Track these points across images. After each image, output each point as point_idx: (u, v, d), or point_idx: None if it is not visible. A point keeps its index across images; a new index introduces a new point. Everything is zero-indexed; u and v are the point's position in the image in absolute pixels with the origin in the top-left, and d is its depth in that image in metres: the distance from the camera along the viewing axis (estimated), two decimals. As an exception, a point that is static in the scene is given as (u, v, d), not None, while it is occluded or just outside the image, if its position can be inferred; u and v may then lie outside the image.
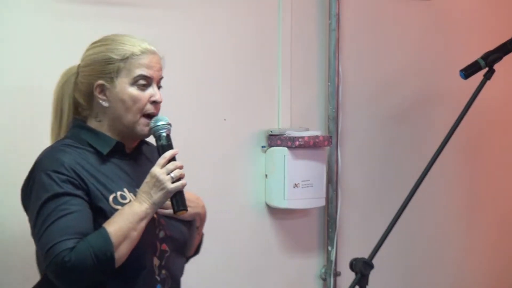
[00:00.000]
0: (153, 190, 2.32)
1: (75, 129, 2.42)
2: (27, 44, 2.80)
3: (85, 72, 2.40)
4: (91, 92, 2.39)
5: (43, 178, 2.27)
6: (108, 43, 2.41)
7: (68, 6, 2.87)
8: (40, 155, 2.36)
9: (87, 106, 2.42)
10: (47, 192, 2.26)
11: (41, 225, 2.24)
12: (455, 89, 3.75)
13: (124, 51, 2.38)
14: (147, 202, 2.31)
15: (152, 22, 3.09)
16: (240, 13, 3.36)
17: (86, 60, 2.41)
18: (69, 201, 2.26)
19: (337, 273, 3.65)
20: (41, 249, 2.24)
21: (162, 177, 2.32)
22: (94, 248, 2.22)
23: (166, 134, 2.38)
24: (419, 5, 3.92)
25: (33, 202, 2.28)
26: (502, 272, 4.30)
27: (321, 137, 3.44)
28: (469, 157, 4.16)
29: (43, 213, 2.24)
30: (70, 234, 2.22)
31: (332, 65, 3.60)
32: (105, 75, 2.37)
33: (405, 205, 2.86)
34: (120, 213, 2.29)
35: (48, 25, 2.84)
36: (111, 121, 2.40)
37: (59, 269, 2.21)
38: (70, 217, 2.24)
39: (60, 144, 2.38)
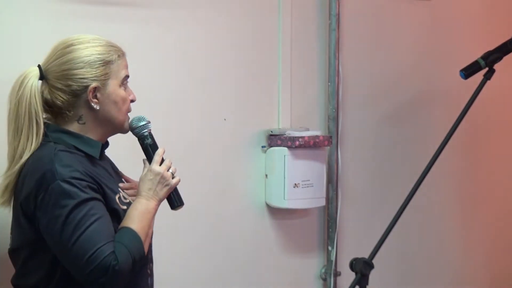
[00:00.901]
0: (159, 187, 2.38)
1: (56, 134, 2.36)
2: (27, 44, 2.80)
3: (75, 76, 2.34)
4: (78, 95, 2.34)
5: (63, 186, 2.23)
6: (91, 44, 2.38)
7: (68, 6, 2.87)
8: (40, 163, 2.28)
9: (68, 108, 2.36)
10: (72, 199, 2.23)
11: (72, 233, 2.21)
12: (455, 89, 3.76)
13: (112, 52, 2.39)
14: (154, 199, 2.37)
15: (152, 22, 3.09)
16: (240, 13, 3.36)
17: (72, 63, 2.34)
18: (95, 206, 2.26)
19: (337, 273, 3.65)
20: (78, 255, 2.21)
21: (165, 174, 2.39)
22: (130, 249, 2.26)
23: (149, 133, 2.45)
24: (419, 5, 3.92)
25: (53, 211, 2.23)
26: (501, 271, 4.30)
27: (321, 137, 3.44)
28: (469, 157, 4.16)
29: (72, 220, 2.22)
30: (107, 238, 2.24)
31: (332, 65, 3.60)
32: (99, 78, 2.35)
33: (405, 205, 2.86)
34: (135, 212, 2.33)
35: (48, 25, 2.83)
36: (97, 123, 2.38)
37: (109, 273, 2.21)
38: (101, 221, 2.25)
39: (55, 150, 2.31)
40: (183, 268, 3.20)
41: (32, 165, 2.30)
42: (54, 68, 2.35)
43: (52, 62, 2.36)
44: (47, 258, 2.31)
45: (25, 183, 2.30)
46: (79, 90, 2.34)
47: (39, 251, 2.32)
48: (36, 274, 2.33)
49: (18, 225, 2.34)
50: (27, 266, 2.35)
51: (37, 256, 2.32)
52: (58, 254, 2.27)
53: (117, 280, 2.23)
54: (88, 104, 2.35)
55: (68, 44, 2.37)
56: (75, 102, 2.35)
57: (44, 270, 2.32)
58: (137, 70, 2.66)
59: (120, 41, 2.90)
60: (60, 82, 2.34)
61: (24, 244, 2.34)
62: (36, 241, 2.30)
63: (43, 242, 2.29)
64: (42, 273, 2.32)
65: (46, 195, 2.24)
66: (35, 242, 2.31)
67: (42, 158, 2.30)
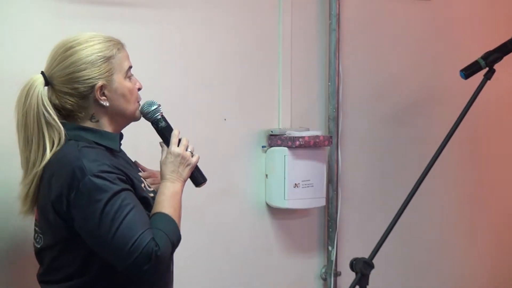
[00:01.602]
0: (181, 168, 2.44)
1: (74, 131, 2.38)
2: (26, 44, 2.80)
3: (80, 78, 2.36)
4: (86, 96, 2.37)
5: (94, 181, 2.25)
6: (90, 43, 2.39)
7: (68, 6, 2.87)
8: (66, 162, 2.30)
9: (79, 110, 2.39)
10: (106, 192, 2.25)
11: (111, 225, 2.24)
12: (455, 89, 3.76)
13: (111, 47, 2.40)
14: (179, 180, 2.43)
15: (152, 22, 3.09)
16: (241, 13, 3.36)
17: (75, 66, 2.36)
18: (128, 196, 2.29)
19: (337, 273, 3.65)
20: (120, 246, 2.23)
21: (185, 154, 2.45)
22: (168, 233, 2.30)
23: (161, 116, 2.49)
24: (419, 5, 3.92)
25: (88, 207, 2.25)
26: (503, 272, 4.30)
27: (321, 137, 3.44)
28: (469, 157, 4.16)
29: (109, 212, 2.24)
30: (145, 226, 2.27)
31: (332, 65, 3.60)
32: (104, 75, 2.38)
33: (405, 205, 2.86)
34: (163, 196, 2.37)
35: (48, 25, 2.84)
36: (110, 118, 2.42)
37: (152, 260, 2.24)
38: (136, 210, 2.28)
39: (78, 146, 2.34)
40: (183, 268, 3.20)
41: (58, 165, 2.32)
42: (58, 73, 2.37)
43: (55, 67, 2.37)
44: (79, 255, 2.34)
45: (53, 183, 2.31)
46: (87, 91, 2.37)
47: (71, 248, 2.34)
48: (66, 270, 2.36)
49: (49, 225, 2.36)
50: (58, 262, 2.38)
51: (69, 253, 2.35)
52: (98, 248, 2.29)
53: (160, 265, 2.27)
54: (97, 103, 2.38)
55: (68, 47, 2.38)
56: (85, 103, 2.38)
57: (75, 266, 2.35)
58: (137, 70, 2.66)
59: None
60: (67, 87, 2.36)
61: (56, 242, 2.36)
62: (68, 238, 2.33)
63: (76, 239, 2.31)
64: (73, 269, 2.35)
65: (78, 193, 2.26)
66: (68, 239, 2.33)
67: (66, 156, 2.32)
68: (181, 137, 2.48)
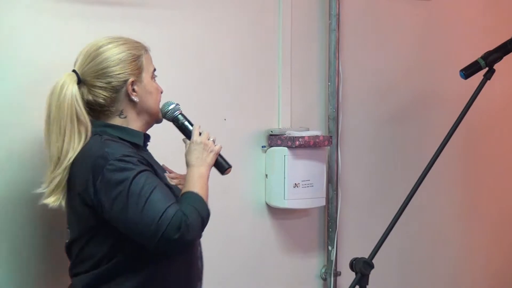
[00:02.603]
0: (204, 154, 2.56)
1: (100, 128, 2.50)
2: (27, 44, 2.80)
3: (113, 72, 2.48)
4: (118, 90, 2.49)
5: (117, 164, 2.36)
6: (120, 42, 2.52)
7: (68, 6, 2.87)
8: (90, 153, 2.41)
9: (110, 105, 2.50)
10: (129, 172, 2.35)
11: (137, 201, 2.33)
12: (455, 89, 3.76)
13: (140, 48, 2.55)
14: (204, 165, 2.54)
15: (152, 22, 3.09)
16: (240, 13, 3.36)
17: (108, 61, 2.48)
18: (150, 175, 2.40)
19: (337, 273, 3.65)
20: (148, 221, 2.31)
21: (207, 141, 2.58)
22: (196, 207, 2.40)
23: (180, 113, 2.64)
24: (419, 5, 3.92)
25: (114, 189, 2.34)
26: (500, 271, 4.30)
27: (321, 137, 3.44)
28: (469, 157, 4.16)
29: (134, 191, 2.33)
30: (170, 200, 2.37)
31: (332, 65, 3.60)
32: (134, 72, 2.51)
33: (405, 205, 2.86)
34: (191, 179, 2.49)
35: (48, 25, 2.84)
36: (137, 115, 2.54)
37: (182, 228, 2.31)
38: (160, 187, 2.38)
39: (102, 139, 2.45)
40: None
41: (82, 157, 2.43)
42: (92, 69, 2.48)
43: (88, 64, 2.49)
44: (105, 243, 2.42)
45: (78, 175, 2.42)
46: (119, 85, 2.49)
47: (97, 237, 2.43)
48: (93, 259, 2.44)
49: (77, 216, 2.45)
50: (84, 253, 2.46)
51: (95, 242, 2.43)
52: (128, 229, 2.36)
53: (190, 234, 2.34)
54: (128, 98, 2.51)
55: (98, 46, 2.51)
56: (116, 97, 2.50)
57: (102, 255, 2.43)
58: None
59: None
60: (100, 81, 2.48)
61: (83, 233, 2.44)
62: (95, 227, 2.42)
63: (102, 228, 2.40)
64: (99, 258, 2.43)
65: (103, 178, 2.36)
66: (94, 229, 2.42)
67: (90, 148, 2.43)
68: (202, 130, 2.61)
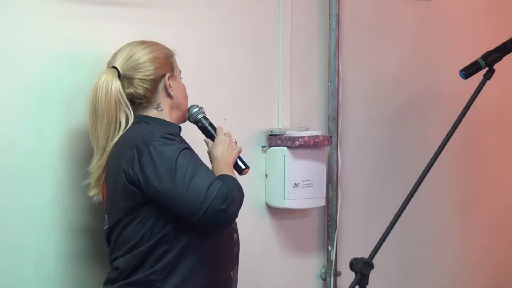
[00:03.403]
0: (229, 150, 2.73)
1: (138, 118, 2.63)
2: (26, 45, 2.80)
3: (150, 66, 2.65)
4: (157, 83, 2.66)
5: (162, 140, 2.50)
6: (152, 43, 2.71)
7: (68, 6, 2.87)
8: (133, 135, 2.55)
9: (149, 97, 2.66)
10: (176, 147, 2.50)
11: (184, 175, 2.45)
12: (455, 89, 3.76)
13: (170, 49, 2.74)
14: (228, 159, 2.71)
15: (152, 22, 3.09)
16: (240, 13, 3.36)
17: (147, 57, 2.65)
18: (193, 153, 2.56)
19: (337, 273, 3.65)
20: (196, 194, 2.44)
21: (231, 140, 2.77)
22: (236, 185, 2.56)
23: (203, 116, 2.82)
24: (418, 5, 3.92)
25: (160, 164, 2.47)
26: (499, 270, 4.30)
27: (321, 137, 3.44)
28: (469, 157, 4.16)
29: (181, 165, 2.47)
30: (214, 176, 2.53)
31: (332, 65, 3.60)
32: (170, 68, 2.71)
33: (405, 205, 2.86)
34: (221, 165, 2.65)
35: (48, 25, 2.83)
36: (171, 109, 2.70)
37: (228, 199, 2.45)
38: (203, 165, 2.53)
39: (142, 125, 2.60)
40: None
41: (125, 140, 2.57)
42: (131, 64, 2.64)
43: (126, 61, 2.65)
44: (148, 223, 2.53)
45: (123, 155, 2.53)
46: (157, 79, 2.66)
47: (138, 218, 2.54)
48: (133, 239, 2.54)
49: (119, 197, 2.55)
50: (124, 235, 2.56)
51: (136, 223, 2.54)
52: (173, 203, 2.47)
53: (235, 206, 2.49)
54: (165, 92, 2.68)
55: (134, 45, 2.69)
56: (155, 89, 2.66)
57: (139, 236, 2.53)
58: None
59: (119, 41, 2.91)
60: (140, 73, 2.64)
61: (124, 214, 2.55)
62: (137, 207, 2.53)
63: (145, 207, 2.52)
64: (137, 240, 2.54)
65: (150, 152, 2.48)
66: (137, 208, 2.53)
67: (133, 131, 2.58)
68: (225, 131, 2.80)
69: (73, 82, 2.87)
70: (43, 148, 2.81)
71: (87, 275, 2.90)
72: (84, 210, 2.88)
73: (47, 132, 2.82)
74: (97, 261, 2.90)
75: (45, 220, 2.82)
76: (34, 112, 2.81)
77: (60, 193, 2.84)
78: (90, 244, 2.90)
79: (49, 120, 2.83)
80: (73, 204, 2.86)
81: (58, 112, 2.84)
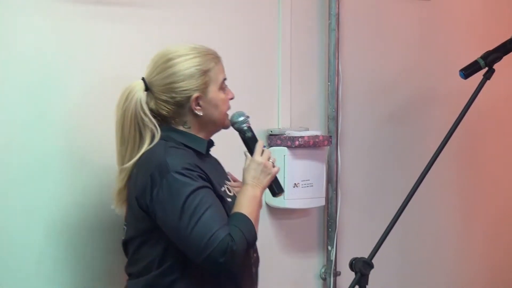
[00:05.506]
0: (262, 175, 2.59)
1: (166, 132, 2.54)
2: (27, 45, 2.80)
3: (178, 88, 2.51)
4: (182, 105, 2.53)
5: (177, 177, 2.40)
6: (190, 56, 2.54)
7: (68, 6, 2.87)
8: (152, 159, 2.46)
9: (174, 116, 2.55)
10: (187, 188, 2.40)
11: (190, 218, 2.37)
12: (455, 89, 3.75)
13: (209, 61, 2.56)
14: (259, 187, 2.57)
15: (152, 22, 3.09)
16: (240, 13, 3.36)
17: (174, 77, 2.51)
18: (207, 193, 2.44)
19: (337, 273, 3.65)
20: (197, 239, 2.36)
21: (267, 163, 2.61)
22: (244, 231, 2.42)
23: (248, 127, 2.68)
24: (419, 5, 3.92)
25: (169, 201, 2.40)
26: (499, 271, 4.30)
27: (321, 137, 3.44)
28: (469, 157, 4.16)
29: (188, 207, 2.38)
30: (222, 222, 2.41)
31: (332, 65, 3.60)
32: (200, 87, 2.53)
33: (405, 205, 2.86)
34: (243, 198, 2.52)
35: (48, 25, 2.83)
36: (201, 125, 2.58)
37: (227, 253, 2.36)
38: (214, 207, 2.42)
39: (165, 146, 2.49)
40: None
41: (145, 161, 2.49)
42: (158, 82, 2.53)
43: (155, 76, 2.54)
44: (158, 248, 2.48)
45: (139, 178, 2.48)
46: (183, 101, 2.53)
47: (152, 240, 2.49)
48: (145, 262, 2.50)
49: (134, 218, 2.51)
50: (138, 254, 2.52)
51: (149, 245, 2.49)
52: (176, 241, 2.42)
53: (234, 260, 2.39)
54: (192, 112, 2.55)
55: (168, 58, 2.54)
56: (180, 111, 2.55)
57: (153, 258, 2.49)
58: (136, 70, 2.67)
59: (119, 41, 2.91)
60: (165, 95, 2.53)
61: (138, 234, 2.51)
62: (150, 231, 2.48)
63: (157, 232, 2.46)
64: (151, 261, 2.49)
65: (161, 188, 2.41)
66: (149, 232, 2.49)
67: (153, 154, 2.49)
68: (265, 148, 2.65)
69: (73, 82, 2.87)
70: (43, 148, 2.81)
71: (87, 275, 2.90)
72: (84, 210, 2.88)
73: (47, 132, 2.82)
74: (97, 261, 2.90)
75: (45, 220, 2.82)
76: (34, 112, 2.81)
77: (60, 193, 2.84)
78: (90, 244, 2.90)
79: (49, 120, 2.83)
80: (73, 204, 2.86)
81: (58, 112, 2.84)
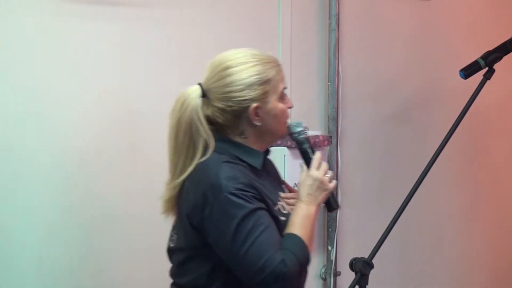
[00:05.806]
0: (318, 192, 2.45)
1: (221, 143, 2.41)
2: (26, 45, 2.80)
3: (235, 98, 2.38)
4: (240, 115, 2.40)
5: (230, 198, 2.30)
6: (250, 64, 2.41)
7: (68, 6, 2.87)
8: (205, 175, 2.35)
9: (230, 126, 2.42)
10: (240, 210, 2.30)
11: (243, 242, 2.29)
12: (455, 89, 3.75)
13: (269, 70, 2.42)
14: (314, 204, 2.43)
15: (151, 22, 3.09)
16: (240, 13, 3.36)
17: (233, 86, 2.38)
18: (262, 215, 2.33)
19: (337, 273, 3.65)
20: (251, 263, 2.29)
21: (324, 179, 2.46)
22: (297, 255, 2.32)
23: (305, 138, 2.53)
24: (419, 5, 3.92)
25: (222, 223, 2.30)
26: (500, 270, 4.30)
27: (321, 137, 3.44)
28: (469, 157, 4.16)
29: (242, 230, 2.29)
30: (276, 246, 2.31)
31: (332, 65, 3.60)
32: (259, 97, 2.40)
33: (405, 205, 2.86)
34: (297, 217, 2.39)
35: (48, 25, 2.84)
36: (259, 136, 2.45)
37: (280, 280, 2.28)
38: (269, 230, 2.32)
39: (219, 161, 2.37)
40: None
41: (197, 176, 2.38)
42: (215, 89, 2.40)
43: (213, 83, 2.41)
44: (206, 265, 2.39)
45: (190, 194, 2.38)
46: (241, 111, 2.40)
47: (201, 256, 2.39)
48: (192, 277, 2.41)
49: (184, 231, 2.41)
50: (187, 267, 2.43)
51: (198, 260, 2.40)
52: (229, 262, 2.34)
53: (287, 285, 2.30)
54: (250, 122, 2.41)
55: (227, 65, 2.41)
56: (237, 120, 2.42)
57: (200, 274, 2.40)
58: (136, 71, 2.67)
59: (118, 41, 2.91)
60: (222, 103, 2.40)
61: (188, 247, 2.42)
62: (199, 247, 2.38)
63: (206, 249, 2.37)
64: (198, 277, 2.40)
65: (213, 209, 2.31)
66: (199, 248, 2.39)
67: (207, 170, 2.36)
68: (322, 162, 2.50)
69: (73, 82, 2.87)
70: (43, 148, 2.81)
71: (87, 275, 2.90)
72: (84, 210, 2.87)
73: (47, 132, 2.83)
74: (97, 261, 2.90)
75: (45, 220, 2.82)
76: (33, 112, 2.81)
77: (60, 193, 2.84)
78: (90, 244, 2.90)
79: (49, 119, 2.83)
80: (73, 204, 2.86)
81: (57, 112, 2.84)
